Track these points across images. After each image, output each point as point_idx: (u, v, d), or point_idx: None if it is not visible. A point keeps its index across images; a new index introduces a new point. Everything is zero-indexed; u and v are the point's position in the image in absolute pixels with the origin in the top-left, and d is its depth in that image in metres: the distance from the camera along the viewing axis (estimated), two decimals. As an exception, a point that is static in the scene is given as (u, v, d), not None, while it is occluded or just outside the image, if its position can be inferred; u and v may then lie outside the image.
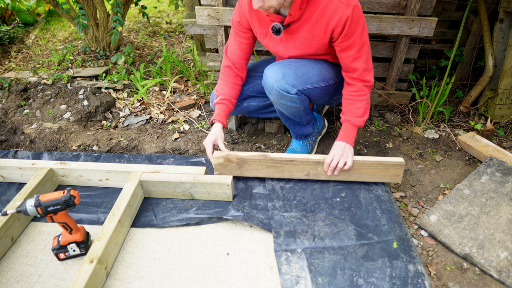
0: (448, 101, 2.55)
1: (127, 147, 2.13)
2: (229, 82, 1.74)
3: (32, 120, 2.37)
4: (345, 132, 1.61)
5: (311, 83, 1.62)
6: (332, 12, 1.42)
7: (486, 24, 2.27)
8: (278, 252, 1.37)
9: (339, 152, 1.59)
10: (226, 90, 1.74)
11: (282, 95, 1.60)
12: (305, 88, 1.61)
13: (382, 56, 2.24)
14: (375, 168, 1.61)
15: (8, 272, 1.34)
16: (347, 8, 1.39)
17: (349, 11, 1.40)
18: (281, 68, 1.58)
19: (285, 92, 1.58)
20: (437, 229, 1.54)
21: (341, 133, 1.62)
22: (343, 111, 1.62)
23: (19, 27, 4.17)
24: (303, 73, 1.59)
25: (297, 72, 1.58)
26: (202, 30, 2.34)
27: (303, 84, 1.59)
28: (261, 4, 1.36)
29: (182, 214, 1.56)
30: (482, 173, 1.78)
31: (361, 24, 1.45)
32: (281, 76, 1.57)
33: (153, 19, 4.74)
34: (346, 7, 1.40)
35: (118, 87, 2.76)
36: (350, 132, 1.60)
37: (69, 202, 1.24)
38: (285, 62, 1.62)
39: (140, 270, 1.33)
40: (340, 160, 1.58)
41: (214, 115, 1.71)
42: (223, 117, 1.70)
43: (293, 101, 1.62)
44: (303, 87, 1.60)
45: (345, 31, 1.44)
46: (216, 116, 1.70)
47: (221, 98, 1.73)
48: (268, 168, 1.65)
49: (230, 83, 1.74)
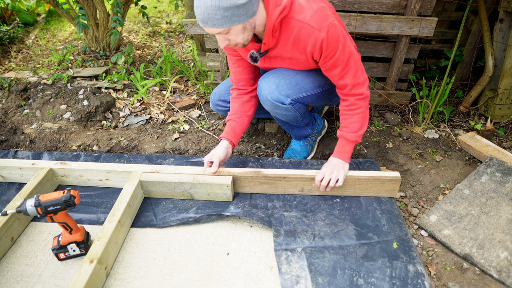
0: (448, 101, 2.55)
1: (127, 147, 2.13)
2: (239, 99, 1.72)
3: (32, 120, 2.37)
4: (340, 148, 1.58)
5: (306, 91, 1.61)
6: (306, 38, 1.37)
7: (486, 24, 2.27)
8: (278, 252, 1.37)
9: (329, 169, 1.56)
10: (235, 107, 1.71)
11: (276, 105, 1.59)
12: (300, 97, 1.60)
13: (382, 56, 2.24)
14: (370, 183, 1.58)
15: (8, 272, 1.34)
16: (320, 31, 1.33)
17: (323, 34, 1.33)
18: (275, 78, 1.57)
19: (279, 102, 1.58)
20: (437, 229, 1.54)
21: (336, 149, 1.59)
22: (339, 127, 1.60)
23: (19, 27, 4.17)
24: (297, 81, 1.58)
25: (291, 81, 1.57)
26: (202, 30, 2.34)
27: (297, 93, 1.58)
28: (227, 42, 1.34)
29: (182, 214, 1.56)
30: (482, 173, 1.78)
31: (341, 41, 1.37)
32: (274, 87, 1.56)
33: (153, 19, 4.74)
34: (319, 31, 1.33)
35: (118, 87, 2.76)
36: (344, 147, 1.57)
37: (69, 202, 1.24)
38: (279, 71, 1.60)
39: (140, 270, 1.33)
40: (331, 178, 1.54)
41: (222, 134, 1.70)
42: (230, 134, 1.66)
43: (288, 110, 1.62)
44: (298, 96, 1.59)
45: (324, 54, 1.39)
46: (222, 134, 1.67)
47: (229, 115, 1.70)
48: (262, 185, 1.63)
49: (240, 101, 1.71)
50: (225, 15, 1.20)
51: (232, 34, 1.30)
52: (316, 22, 1.33)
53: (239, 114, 1.69)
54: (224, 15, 1.20)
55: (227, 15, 1.21)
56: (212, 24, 1.23)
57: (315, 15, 1.34)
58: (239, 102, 1.71)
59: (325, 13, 1.36)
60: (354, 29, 2.02)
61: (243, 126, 1.70)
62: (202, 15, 1.22)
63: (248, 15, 1.25)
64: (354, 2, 2.02)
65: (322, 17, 1.34)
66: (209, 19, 1.22)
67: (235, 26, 1.26)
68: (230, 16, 1.22)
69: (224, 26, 1.24)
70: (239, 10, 1.21)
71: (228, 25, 1.24)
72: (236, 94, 1.72)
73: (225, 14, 1.20)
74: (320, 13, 1.35)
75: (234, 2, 1.19)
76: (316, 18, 1.34)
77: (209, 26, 1.24)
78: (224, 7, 1.18)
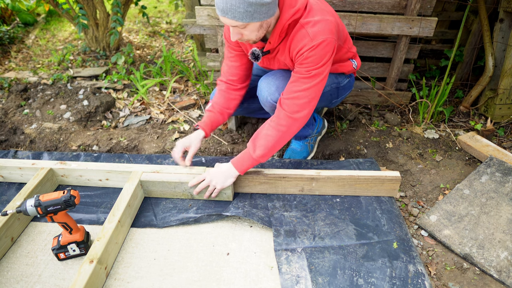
0: (448, 101, 2.55)
1: (127, 147, 2.13)
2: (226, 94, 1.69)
3: (32, 120, 2.37)
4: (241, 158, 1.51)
5: None
6: (297, 42, 1.36)
7: (486, 24, 2.27)
8: (278, 252, 1.36)
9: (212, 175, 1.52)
10: (221, 100, 1.68)
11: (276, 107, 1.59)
12: None
13: (382, 56, 2.24)
14: (370, 183, 1.58)
15: (8, 272, 1.34)
16: (311, 41, 1.32)
17: (313, 44, 1.32)
18: (275, 80, 1.57)
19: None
20: (437, 229, 1.54)
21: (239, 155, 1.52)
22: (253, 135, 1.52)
23: (19, 27, 4.17)
24: None
25: None
26: (202, 30, 2.34)
27: None
28: (239, 37, 1.33)
29: (182, 214, 1.56)
30: (482, 173, 1.78)
31: (324, 60, 1.34)
32: (274, 88, 1.55)
33: (153, 19, 4.74)
34: (311, 40, 1.32)
35: (118, 87, 2.76)
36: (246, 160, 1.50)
37: (69, 202, 1.24)
38: (279, 73, 1.60)
39: (140, 270, 1.33)
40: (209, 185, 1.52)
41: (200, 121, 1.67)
42: (207, 124, 1.64)
43: None
44: None
45: (301, 58, 1.36)
46: (201, 122, 1.64)
47: (212, 105, 1.67)
48: (262, 185, 1.63)
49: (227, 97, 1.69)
50: (248, 9, 1.18)
51: (247, 30, 1.29)
52: (314, 32, 1.32)
53: (221, 109, 1.68)
54: (247, 9, 1.18)
55: (249, 10, 1.19)
56: (232, 15, 1.21)
57: (318, 25, 1.33)
58: (225, 97, 1.69)
59: (328, 27, 1.33)
60: (354, 29, 2.02)
61: (221, 121, 1.69)
62: (224, 4, 1.18)
63: (268, 14, 1.25)
64: (354, 2, 2.02)
65: (323, 30, 1.32)
66: (231, 9, 1.19)
67: (253, 23, 1.25)
68: (252, 12, 1.20)
69: (244, 20, 1.22)
70: (262, 8, 1.20)
71: (248, 20, 1.22)
72: (226, 88, 1.69)
73: (248, 9, 1.18)
74: (324, 26, 1.33)
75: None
76: (317, 29, 1.32)
77: (228, 17, 1.22)
78: (249, 1, 1.17)
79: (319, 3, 1.40)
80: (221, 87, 1.71)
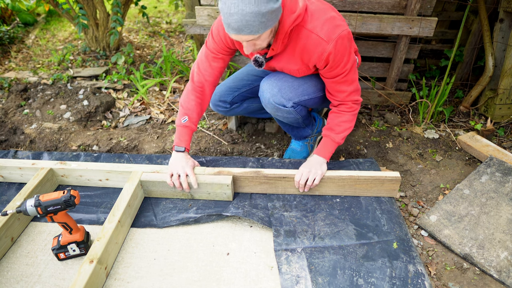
0: (448, 101, 2.55)
1: (127, 147, 2.13)
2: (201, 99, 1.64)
3: (32, 120, 2.37)
4: (323, 146, 1.60)
5: (308, 94, 1.61)
6: (312, 48, 1.36)
7: (486, 24, 2.27)
8: (278, 252, 1.37)
9: (306, 168, 1.56)
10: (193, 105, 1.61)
11: (278, 108, 1.59)
12: (302, 100, 1.60)
13: (382, 56, 2.24)
14: (370, 183, 1.58)
15: (8, 272, 1.34)
16: (328, 43, 1.32)
17: (331, 47, 1.33)
18: (277, 81, 1.57)
19: (281, 106, 1.58)
20: (437, 229, 1.54)
21: (319, 146, 1.60)
22: (325, 126, 1.61)
23: (19, 27, 4.17)
24: (299, 84, 1.58)
25: (293, 85, 1.57)
26: (202, 30, 2.34)
27: (299, 96, 1.58)
28: (253, 48, 1.31)
29: (182, 214, 1.56)
30: (482, 173, 1.78)
31: (346, 54, 1.38)
32: (277, 90, 1.55)
33: (153, 19, 4.74)
34: (327, 43, 1.32)
35: (118, 87, 2.76)
36: (328, 147, 1.59)
37: (69, 202, 1.24)
38: (281, 74, 1.60)
39: (140, 270, 1.33)
40: (308, 177, 1.54)
41: (179, 139, 1.61)
42: (188, 141, 1.61)
43: (290, 113, 1.62)
44: (300, 99, 1.59)
45: (330, 65, 1.40)
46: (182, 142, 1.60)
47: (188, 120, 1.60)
48: (262, 185, 1.63)
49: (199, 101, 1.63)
50: (262, 20, 1.15)
51: (260, 39, 1.26)
52: (325, 33, 1.33)
53: (197, 119, 1.63)
54: (261, 20, 1.15)
55: (263, 21, 1.16)
56: (248, 31, 1.17)
57: (325, 25, 1.33)
58: (197, 102, 1.62)
59: (335, 23, 1.34)
60: (354, 29, 2.02)
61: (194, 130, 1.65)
62: (239, 22, 1.14)
63: (277, 18, 1.23)
64: (354, 2, 2.02)
65: (332, 28, 1.33)
66: (247, 26, 1.15)
67: (266, 31, 1.23)
68: (266, 22, 1.17)
69: (260, 32, 1.19)
70: (273, 14, 1.18)
71: (263, 30, 1.19)
72: (200, 91, 1.62)
73: (262, 20, 1.15)
74: (330, 24, 1.33)
75: (272, 6, 1.14)
76: (326, 29, 1.33)
77: (245, 33, 1.17)
78: (262, 12, 1.13)
79: (317, 3, 1.40)
80: (196, 91, 1.63)
